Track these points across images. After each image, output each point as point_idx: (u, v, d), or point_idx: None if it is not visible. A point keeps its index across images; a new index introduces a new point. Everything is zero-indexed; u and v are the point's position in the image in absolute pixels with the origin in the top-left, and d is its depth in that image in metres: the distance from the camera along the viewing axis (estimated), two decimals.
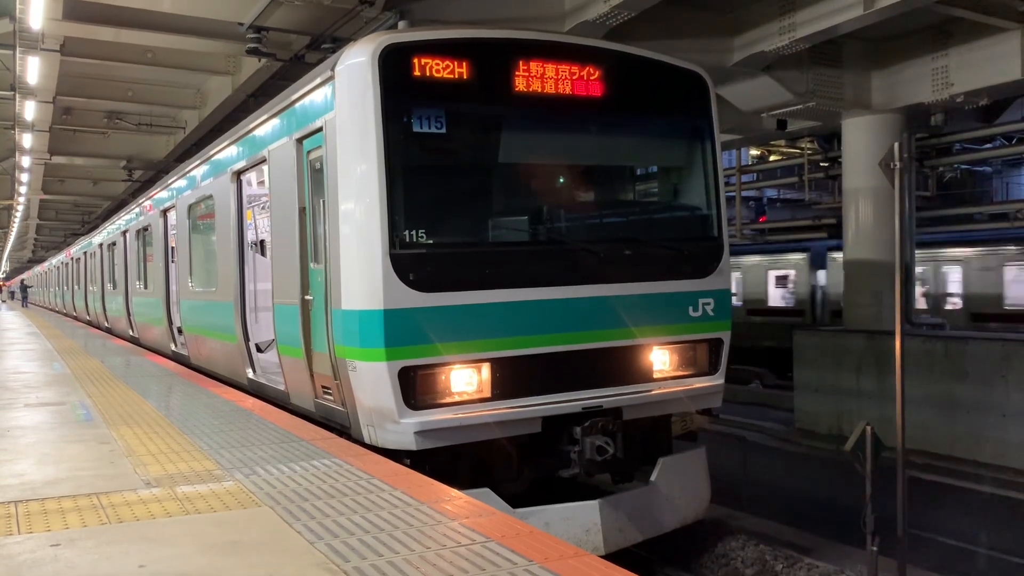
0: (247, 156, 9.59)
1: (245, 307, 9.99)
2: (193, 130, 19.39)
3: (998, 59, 12.88)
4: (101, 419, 7.50)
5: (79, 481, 5.22)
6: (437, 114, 6.75)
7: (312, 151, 7.58)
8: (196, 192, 12.10)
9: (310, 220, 7.70)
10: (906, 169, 8.30)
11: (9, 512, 4.55)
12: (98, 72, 16.61)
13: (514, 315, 6.85)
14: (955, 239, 20.51)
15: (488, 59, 7.00)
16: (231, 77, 16.15)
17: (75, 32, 12.29)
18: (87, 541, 4.03)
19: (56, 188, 28.57)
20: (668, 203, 8.66)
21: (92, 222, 35.67)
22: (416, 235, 6.58)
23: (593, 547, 6.90)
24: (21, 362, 13.13)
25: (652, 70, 7.89)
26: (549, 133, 7.61)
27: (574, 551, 3.81)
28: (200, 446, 6.24)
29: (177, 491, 4.94)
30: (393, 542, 3.91)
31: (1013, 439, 12.00)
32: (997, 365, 12.36)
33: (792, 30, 11.89)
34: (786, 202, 34.53)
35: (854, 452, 7.82)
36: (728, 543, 8.93)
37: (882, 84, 14.66)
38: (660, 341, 7.61)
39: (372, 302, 6.46)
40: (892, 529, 7.89)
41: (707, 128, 8.10)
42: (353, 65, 6.67)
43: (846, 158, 15.94)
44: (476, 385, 6.73)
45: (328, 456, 5.83)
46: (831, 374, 14.83)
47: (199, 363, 12.37)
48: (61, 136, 20.46)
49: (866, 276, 15.02)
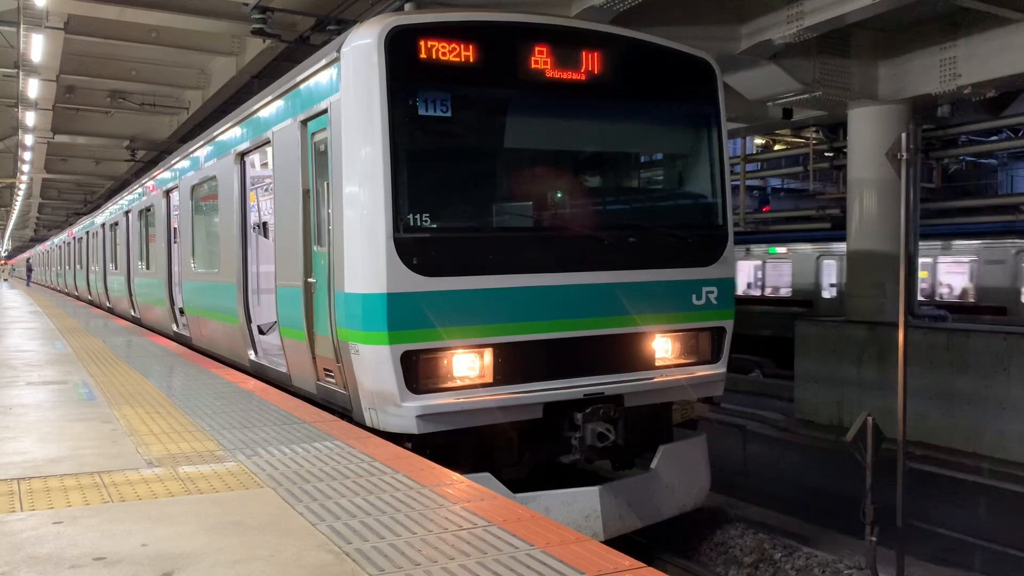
0: (251, 137, 9.56)
1: (247, 289, 9.99)
2: (197, 111, 19.34)
3: (1007, 51, 12.79)
4: (103, 398, 7.51)
5: (81, 460, 5.23)
6: (443, 97, 6.71)
7: (316, 133, 7.55)
8: (199, 173, 12.08)
9: (314, 202, 7.68)
10: (912, 160, 8.27)
11: (11, 489, 4.56)
12: (102, 51, 16.55)
13: (517, 301, 6.84)
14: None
15: (495, 43, 6.96)
16: (235, 58, 16.09)
17: (79, 10, 12.25)
18: (90, 519, 4.04)
19: (59, 167, 28.54)
20: (673, 190, 8.63)
21: (94, 202, 35.68)
22: (420, 219, 6.57)
23: (593, 533, 6.92)
24: (23, 340, 13.15)
25: (659, 56, 7.84)
26: (555, 118, 7.57)
27: (575, 536, 3.81)
28: (202, 426, 6.26)
29: (179, 471, 4.95)
30: (395, 524, 3.92)
31: (1013, 431, 12.01)
32: (999, 358, 12.36)
33: (800, 18, 11.81)
34: (790, 192, 34.44)
35: (855, 443, 7.83)
36: (727, 531, 8.96)
37: (889, 74, 14.57)
38: (663, 329, 7.60)
39: (375, 285, 6.45)
40: (891, 520, 7.91)
41: (714, 115, 8.06)
42: (359, 47, 6.63)
43: (851, 148, 15.86)
44: (478, 370, 6.74)
45: (330, 438, 5.84)
46: (832, 365, 14.83)
47: (201, 344, 12.38)
48: (64, 115, 20.40)
49: (869, 267, 14.98)
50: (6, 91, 19.47)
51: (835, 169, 24.58)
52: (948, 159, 24.38)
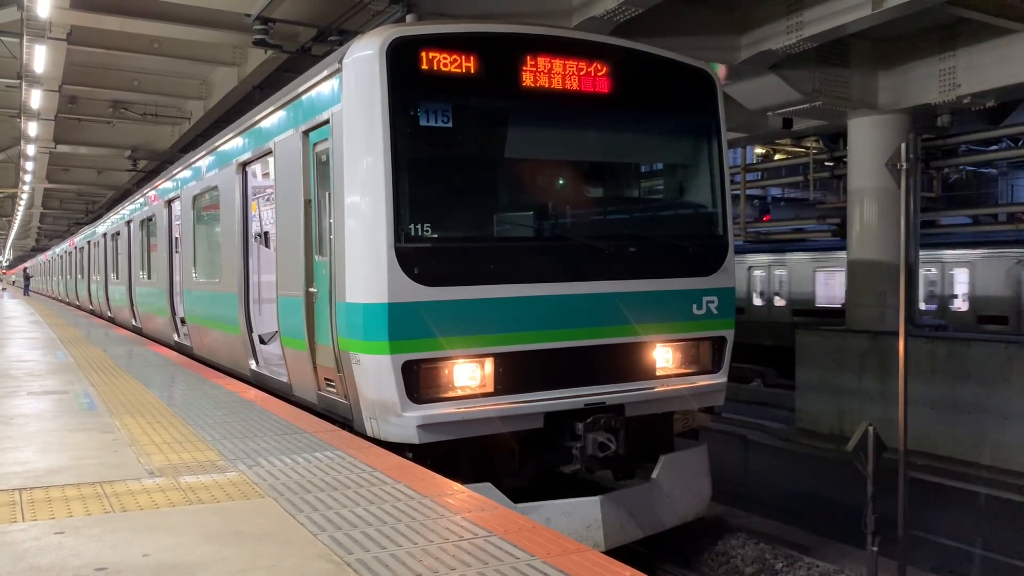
0: (253, 148, 9.59)
1: (249, 298, 10.01)
2: (198, 121, 19.38)
3: (1006, 60, 12.84)
4: (104, 408, 7.52)
5: (83, 469, 5.24)
6: (444, 108, 6.74)
7: (318, 144, 7.58)
8: (201, 183, 12.11)
9: (315, 212, 7.70)
10: (912, 170, 8.29)
11: (13, 499, 4.56)
12: (104, 61, 16.62)
13: (518, 311, 6.85)
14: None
15: (495, 54, 6.99)
16: (237, 68, 16.14)
17: (82, 21, 12.30)
18: (91, 529, 4.04)
19: (60, 177, 28.60)
20: (673, 200, 8.65)
21: (96, 211, 35.71)
22: (421, 229, 6.58)
23: (594, 543, 6.91)
24: (24, 350, 13.16)
25: (659, 66, 7.88)
26: (555, 129, 7.60)
27: (576, 546, 3.81)
28: (203, 436, 6.26)
29: (180, 481, 4.95)
30: (395, 535, 3.92)
31: (1014, 442, 12.00)
32: (1000, 367, 12.36)
33: (799, 29, 11.86)
34: (790, 201, 34.45)
35: (856, 452, 7.82)
36: (728, 541, 8.94)
37: (889, 84, 14.62)
38: (663, 339, 7.61)
39: (377, 295, 6.47)
40: (892, 529, 7.90)
41: (714, 125, 8.09)
42: (361, 58, 6.67)
43: (851, 158, 15.90)
44: (479, 380, 6.74)
45: (331, 448, 5.84)
46: (833, 374, 14.83)
47: (202, 354, 12.39)
48: (66, 125, 20.46)
49: (870, 276, 15.00)
50: (9, 102, 19.53)
51: (835, 178, 24.60)
52: (948, 169, 24.39)
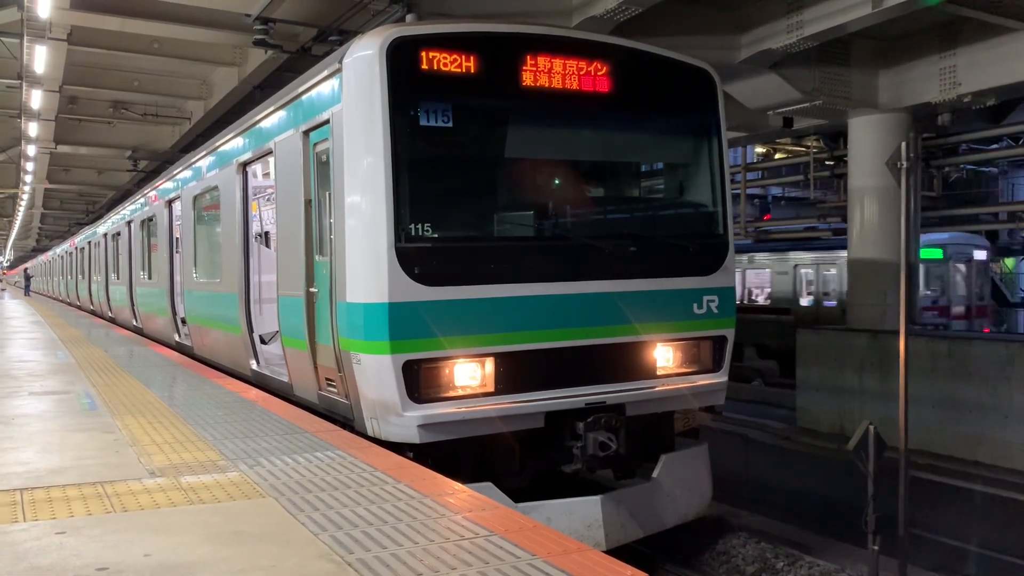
0: (253, 148, 9.59)
1: (249, 298, 10.01)
2: (198, 121, 19.37)
3: (1007, 59, 12.82)
4: (105, 408, 7.52)
5: (84, 470, 5.24)
6: (444, 108, 6.74)
7: (318, 143, 7.58)
8: (201, 183, 12.11)
9: (316, 212, 7.71)
10: (912, 169, 8.29)
11: (14, 500, 4.57)
12: (104, 62, 16.60)
13: (519, 310, 6.85)
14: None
15: (496, 53, 6.99)
16: (237, 68, 16.13)
17: (82, 21, 12.31)
18: (92, 529, 4.04)
19: (61, 177, 28.59)
20: (674, 200, 8.65)
21: (96, 212, 35.72)
22: (422, 229, 6.58)
23: (595, 542, 6.92)
24: (25, 350, 13.16)
25: (660, 66, 7.88)
26: (556, 128, 7.61)
27: (576, 546, 3.81)
28: (204, 436, 6.26)
29: (181, 481, 4.95)
30: (396, 534, 3.92)
31: (1015, 440, 11.99)
32: (1001, 366, 12.35)
33: (800, 28, 11.85)
34: (791, 200, 34.42)
35: (856, 451, 7.83)
36: (729, 540, 8.95)
37: (889, 83, 14.61)
38: (664, 338, 7.61)
39: (377, 295, 6.47)
40: (893, 528, 7.90)
41: (714, 125, 8.09)
42: (361, 58, 6.67)
43: (852, 157, 15.88)
44: (480, 379, 6.74)
45: (331, 448, 5.84)
46: (834, 373, 14.81)
47: (202, 354, 12.39)
48: (67, 125, 20.45)
49: (870, 275, 14.98)
50: (9, 102, 19.53)
51: (836, 178, 24.59)
52: (948, 167, 24.38)
